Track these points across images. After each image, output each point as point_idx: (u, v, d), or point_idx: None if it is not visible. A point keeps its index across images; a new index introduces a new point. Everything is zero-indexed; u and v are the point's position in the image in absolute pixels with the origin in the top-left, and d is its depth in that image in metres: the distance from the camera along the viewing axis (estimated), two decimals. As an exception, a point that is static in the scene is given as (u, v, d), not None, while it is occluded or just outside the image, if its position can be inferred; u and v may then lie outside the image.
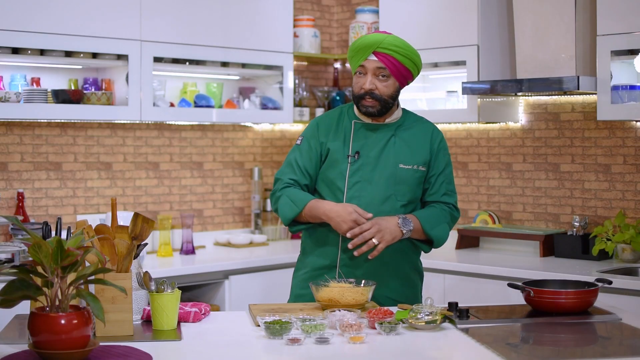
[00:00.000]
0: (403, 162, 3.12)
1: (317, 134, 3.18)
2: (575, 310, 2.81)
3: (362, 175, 3.10)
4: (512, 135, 4.81)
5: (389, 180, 3.10)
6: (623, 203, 4.37)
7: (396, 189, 3.10)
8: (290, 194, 3.13)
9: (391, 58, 3.06)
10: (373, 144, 3.13)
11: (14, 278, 2.19)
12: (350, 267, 3.09)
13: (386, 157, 3.12)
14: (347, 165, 3.11)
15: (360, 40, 3.09)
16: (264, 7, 4.96)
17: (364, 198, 3.08)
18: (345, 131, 3.16)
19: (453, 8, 4.63)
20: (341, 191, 3.10)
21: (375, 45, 3.05)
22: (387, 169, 3.10)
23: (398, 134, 3.16)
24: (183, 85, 4.96)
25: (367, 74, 3.08)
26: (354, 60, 3.12)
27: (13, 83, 4.30)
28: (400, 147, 3.14)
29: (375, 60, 3.06)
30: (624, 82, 4.07)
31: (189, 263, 4.47)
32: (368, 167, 3.11)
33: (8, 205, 4.36)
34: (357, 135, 3.15)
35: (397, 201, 3.10)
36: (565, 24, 4.17)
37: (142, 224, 2.61)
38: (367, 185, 3.09)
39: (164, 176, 4.96)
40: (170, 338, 2.54)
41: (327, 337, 2.47)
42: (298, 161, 3.17)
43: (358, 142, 3.14)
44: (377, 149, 3.12)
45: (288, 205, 3.11)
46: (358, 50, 3.08)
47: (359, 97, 3.10)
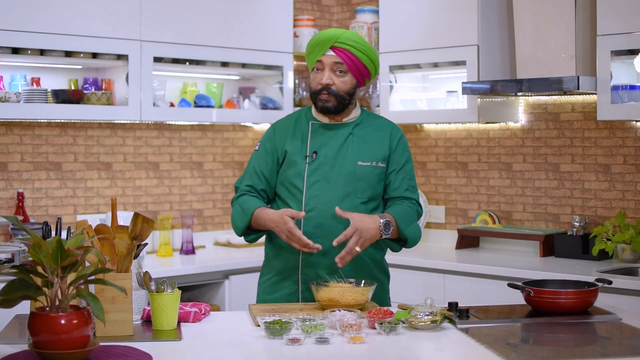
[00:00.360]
0: (361, 159, 3.11)
1: (273, 138, 3.19)
2: (575, 310, 2.81)
3: (320, 174, 3.09)
4: (512, 135, 4.81)
5: (348, 178, 3.09)
6: (623, 203, 4.37)
7: (355, 186, 3.09)
8: (242, 202, 3.13)
9: (349, 53, 3.05)
10: (331, 143, 3.12)
11: (14, 278, 2.19)
12: (313, 268, 3.07)
13: (344, 155, 3.11)
14: (305, 165, 3.11)
15: (317, 35, 3.09)
16: (264, 7, 4.96)
17: (323, 197, 3.07)
18: (302, 132, 3.17)
19: (453, 8, 4.63)
20: (300, 191, 3.09)
21: (333, 39, 3.04)
22: (345, 167, 3.09)
23: (356, 132, 3.15)
24: (183, 85, 4.96)
25: (324, 69, 3.08)
26: (311, 57, 3.10)
27: (13, 83, 4.30)
28: (359, 144, 3.13)
29: (332, 55, 3.06)
30: (624, 82, 4.07)
31: (189, 263, 4.47)
32: (326, 166, 3.10)
33: (8, 205, 4.36)
34: (315, 135, 3.15)
35: (357, 198, 3.09)
36: (565, 24, 4.17)
37: (142, 224, 2.61)
38: (325, 184, 3.08)
39: (164, 176, 4.96)
40: (170, 338, 2.54)
41: (327, 337, 2.47)
42: (255, 166, 3.19)
43: (316, 142, 3.13)
44: (335, 148, 3.12)
45: (239, 215, 3.12)
46: (316, 46, 3.08)
47: (315, 92, 3.10)
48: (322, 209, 3.06)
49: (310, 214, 3.06)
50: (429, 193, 5.16)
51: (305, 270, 3.08)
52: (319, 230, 3.05)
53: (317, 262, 3.07)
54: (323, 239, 3.04)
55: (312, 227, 3.05)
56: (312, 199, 3.08)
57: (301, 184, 3.10)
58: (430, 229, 5.13)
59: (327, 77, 3.06)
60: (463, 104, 4.71)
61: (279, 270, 3.16)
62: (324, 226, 3.05)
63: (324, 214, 3.05)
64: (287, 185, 3.13)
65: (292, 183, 3.12)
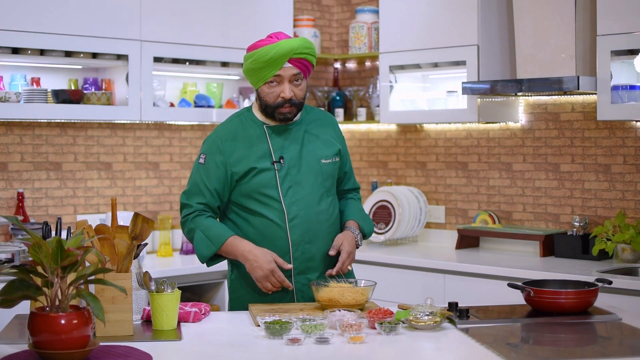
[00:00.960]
0: (323, 156, 3.10)
1: (221, 149, 3.03)
2: (575, 310, 2.81)
3: (291, 179, 3.04)
4: (512, 135, 4.81)
5: (317, 178, 3.07)
6: (623, 203, 4.37)
7: (325, 185, 3.09)
8: (205, 228, 3.00)
9: (304, 61, 2.99)
10: (290, 145, 3.06)
11: (14, 278, 2.19)
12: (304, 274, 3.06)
13: (307, 156, 3.07)
14: (274, 172, 3.03)
15: (272, 50, 2.93)
16: (264, 7, 4.96)
17: (301, 201, 3.03)
18: (258, 138, 3.05)
19: (453, 8, 4.63)
20: (277, 200, 3.01)
21: (291, 52, 2.95)
22: (311, 167, 3.07)
23: (307, 129, 3.12)
24: (183, 85, 4.96)
25: (282, 82, 2.98)
26: (263, 72, 2.96)
27: (13, 83, 4.30)
28: (315, 142, 3.10)
29: (290, 67, 2.97)
30: (624, 82, 4.07)
31: (189, 263, 4.47)
32: (294, 170, 3.04)
33: (8, 205, 4.36)
34: (274, 140, 3.06)
35: (327, 197, 3.09)
36: (565, 24, 4.17)
37: (142, 224, 2.61)
38: (299, 188, 3.04)
39: (164, 176, 4.96)
40: (170, 338, 2.54)
41: (327, 337, 2.47)
42: (205, 182, 3.02)
43: (277, 146, 3.05)
44: (296, 150, 3.06)
45: (204, 243, 3.00)
46: (272, 62, 2.94)
47: (276, 106, 3.00)
48: (304, 214, 3.03)
49: (294, 222, 3.01)
50: (429, 193, 5.16)
51: (297, 278, 3.05)
52: (305, 236, 3.03)
53: (308, 267, 3.06)
54: (310, 244, 3.04)
55: (299, 234, 3.02)
56: (292, 206, 3.02)
57: (276, 193, 3.01)
58: (430, 229, 5.13)
59: (289, 90, 2.98)
60: (463, 104, 4.71)
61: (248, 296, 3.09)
62: (309, 231, 3.04)
63: (307, 220, 3.03)
64: (257, 197, 3.02)
65: (263, 193, 3.01)
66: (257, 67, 2.97)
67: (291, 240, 3.02)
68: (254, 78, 3.01)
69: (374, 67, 5.43)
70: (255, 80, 3.01)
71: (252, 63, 2.97)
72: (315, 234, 3.04)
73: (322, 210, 3.06)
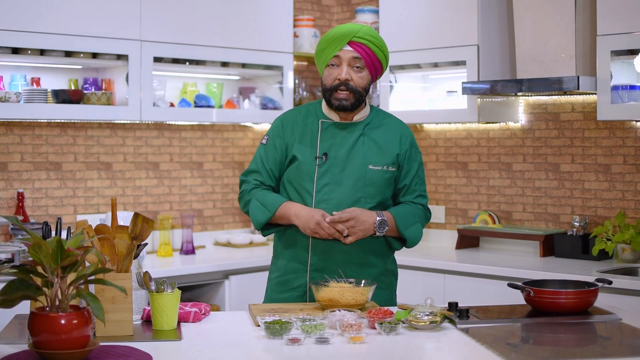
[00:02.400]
0: (372, 162, 3.05)
1: (282, 134, 3.11)
2: (575, 310, 2.81)
3: (330, 177, 3.03)
4: (512, 135, 4.81)
5: (358, 182, 3.04)
6: (623, 203, 4.37)
7: (365, 190, 3.04)
8: (260, 197, 3.07)
9: (366, 48, 2.99)
10: (341, 144, 3.06)
11: (14, 278, 2.19)
12: (321, 272, 3.04)
13: (355, 158, 3.05)
14: (315, 166, 3.04)
15: (334, 31, 3.02)
16: (264, 7, 4.96)
17: (333, 200, 3.02)
18: (312, 131, 3.09)
19: (453, 8, 4.63)
20: (309, 194, 3.03)
21: (352, 34, 2.98)
22: (355, 170, 3.04)
23: (367, 132, 3.08)
24: (183, 85, 4.96)
25: (341, 64, 3.01)
26: (326, 52, 3.01)
27: (13, 83, 4.30)
28: (369, 147, 3.07)
29: (350, 50, 2.99)
30: (624, 82, 4.07)
31: (189, 263, 4.47)
32: (336, 169, 3.04)
33: (8, 205, 4.36)
34: (325, 135, 3.07)
35: (366, 203, 3.04)
36: (565, 24, 4.17)
37: (142, 224, 2.61)
38: (336, 187, 3.03)
39: (164, 176, 4.96)
40: (170, 338, 2.54)
41: (327, 337, 2.47)
42: (264, 162, 3.11)
43: (326, 142, 3.06)
44: (346, 150, 3.05)
45: (260, 210, 3.06)
46: (332, 41, 2.99)
47: (332, 88, 3.01)
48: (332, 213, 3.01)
49: None
50: (429, 193, 5.16)
51: (313, 275, 3.05)
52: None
53: (325, 265, 3.05)
54: (332, 243, 3.04)
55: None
56: (321, 203, 3.02)
57: (311, 186, 3.04)
58: (430, 229, 5.13)
59: (345, 72, 2.99)
60: (463, 104, 4.71)
61: (287, 270, 3.11)
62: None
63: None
64: (295, 186, 3.07)
65: (301, 184, 3.05)
66: (321, 47, 3.03)
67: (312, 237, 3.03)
68: (319, 61, 3.07)
69: (374, 67, 5.43)
70: (320, 63, 3.07)
71: (318, 45, 3.05)
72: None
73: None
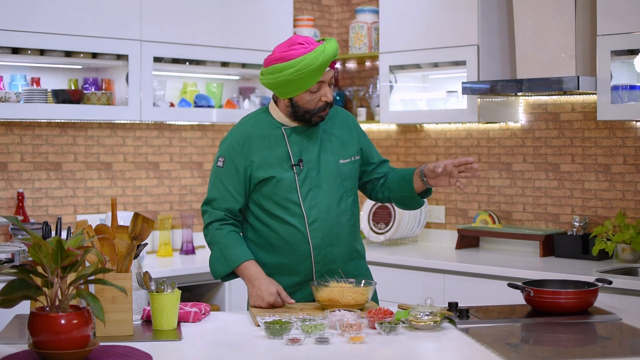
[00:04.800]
0: (341, 157, 3.06)
1: (240, 153, 2.99)
2: (575, 310, 2.81)
3: (310, 182, 3.00)
4: (512, 135, 4.81)
5: (336, 179, 3.04)
6: (623, 203, 4.37)
7: (344, 185, 3.06)
8: (223, 246, 2.97)
9: (335, 62, 2.99)
10: (309, 147, 3.02)
11: (14, 278, 2.19)
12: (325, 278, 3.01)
13: (326, 157, 3.04)
14: (294, 175, 2.99)
15: (318, 58, 2.85)
16: (264, 7, 4.96)
17: (321, 204, 3.00)
18: (275, 141, 3.00)
19: (453, 8, 4.63)
20: (296, 204, 2.98)
21: (334, 56, 2.91)
22: (330, 169, 3.03)
23: (325, 128, 3.07)
24: (183, 85, 4.96)
25: (323, 86, 2.94)
26: (308, 80, 2.88)
27: (13, 83, 4.30)
28: (333, 142, 3.06)
29: (329, 70, 2.94)
30: (624, 82, 4.07)
31: (189, 263, 4.47)
32: (313, 172, 3.01)
33: (8, 205, 4.36)
34: (292, 142, 3.02)
35: (348, 197, 3.07)
36: (565, 24, 4.17)
37: (142, 224, 2.61)
38: (318, 191, 3.01)
39: (164, 176, 4.96)
40: (170, 338, 2.54)
41: (327, 337, 2.47)
42: (227, 185, 2.99)
43: (295, 148, 3.01)
44: (315, 151, 3.02)
45: (219, 262, 2.97)
46: (319, 69, 2.87)
47: (317, 111, 2.96)
48: (324, 217, 3.01)
49: (314, 226, 2.99)
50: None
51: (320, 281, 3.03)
52: (326, 239, 3.01)
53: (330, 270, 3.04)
54: (332, 247, 3.03)
55: (320, 238, 3.00)
56: (312, 210, 3.00)
57: (296, 197, 2.99)
58: (430, 229, 5.13)
59: (330, 93, 2.95)
60: (463, 104, 4.71)
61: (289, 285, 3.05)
62: (330, 234, 3.02)
63: (328, 222, 3.01)
64: (277, 200, 2.99)
65: (284, 197, 2.98)
66: (300, 77, 2.86)
67: (312, 245, 2.99)
68: (291, 88, 2.90)
69: (374, 67, 5.44)
70: (294, 89, 2.90)
71: (294, 74, 2.86)
72: (336, 236, 3.03)
73: (342, 211, 3.04)
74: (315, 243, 3.00)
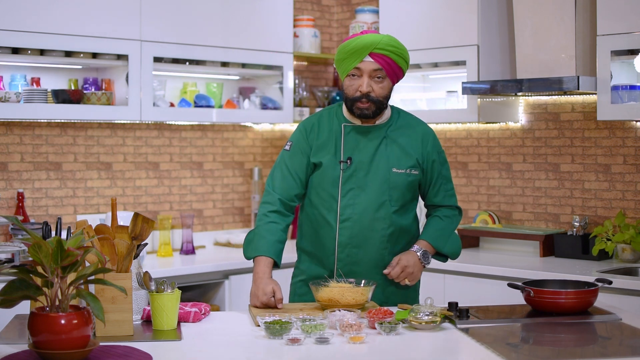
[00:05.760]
0: (396, 166, 3.06)
1: (305, 138, 3.10)
2: (575, 310, 2.81)
3: (355, 181, 3.04)
4: (512, 135, 4.81)
5: (383, 186, 3.04)
6: (623, 203, 4.37)
7: (390, 194, 3.05)
8: (257, 232, 3.06)
9: (387, 59, 2.98)
10: (364, 148, 3.06)
11: (14, 278, 2.19)
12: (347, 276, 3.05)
13: (378, 162, 3.05)
14: (339, 171, 3.04)
15: (354, 42, 2.98)
16: (264, 7, 4.96)
17: (359, 205, 3.03)
18: (335, 135, 3.08)
19: (453, 8, 4.63)
20: (334, 199, 3.04)
21: (372, 46, 2.95)
22: (379, 174, 3.04)
23: (389, 135, 3.08)
24: (183, 85, 4.96)
25: (362, 75, 2.99)
26: (346, 63, 3.00)
27: (13, 83, 4.30)
28: (392, 150, 3.07)
29: (371, 61, 2.97)
30: (624, 82, 4.07)
31: (189, 263, 4.47)
32: (361, 173, 3.04)
33: (8, 205, 4.36)
34: (348, 139, 3.07)
35: (390, 207, 3.05)
36: (565, 24, 4.17)
37: (142, 224, 2.61)
38: (360, 192, 3.03)
39: (164, 176, 4.96)
40: (170, 338, 2.54)
41: (327, 337, 2.47)
42: (290, 168, 3.10)
43: (349, 146, 3.06)
44: (369, 154, 3.05)
45: (250, 246, 3.08)
46: (353, 52, 2.97)
47: (354, 99, 3.01)
48: (357, 219, 3.03)
49: (345, 224, 3.02)
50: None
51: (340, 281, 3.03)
52: (353, 240, 3.04)
53: (352, 271, 3.06)
54: (357, 249, 3.04)
55: (347, 237, 3.03)
56: (347, 209, 3.03)
57: (336, 192, 3.04)
58: (430, 229, 5.13)
59: (367, 84, 2.98)
60: (463, 104, 4.71)
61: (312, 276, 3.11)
62: (358, 236, 3.03)
63: (359, 224, 3.03)
64: (319, 191, 3.07)
65: (326, 190, 3.05)
66: (342, 57, 3.01)
67: (338, 241, 3.03)
68: (340, 69, 3.05)
69: (374, 67, 5.43)
70: (341, 71, 3.05)
71: (338, 54, 3.03)
72: (365, 239, 3.03)
73: (378, 218, 3.04)
74: (342, 240, 3.03)
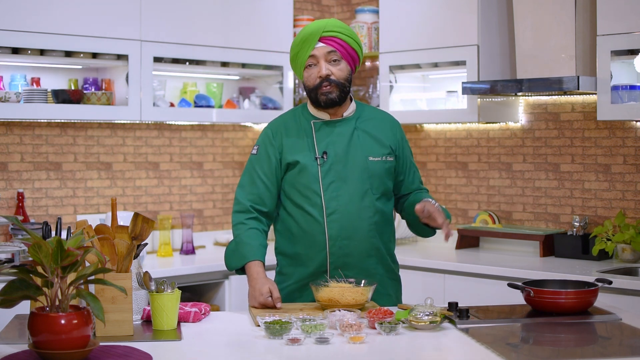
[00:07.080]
0: (371, 154, 3.09)
1: (273, 142, 3.12)
2: (575, 310, 2.80)
3: (334, 174, 3.06)
4: (512, 135, 4.81)
5: (363, 175, 3.07)
6: (623, 203, 4.37)
7: (371, 182, 3.07)
8: (240, 240, 3.05)
9: (338, 40, 3.02)
10: (338, 140, 3.08)
11: (14, 278, 2.19)
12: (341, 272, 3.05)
13: (354, 152, 3.07)
14: (317, 167, 3.05)
15: (302, 32, 3.04)
16: (264, 7, 4.96)
17: (342, 197, 3.04)
18: (305, 132, 3.10)
19: (453, 8, 4.63)
20: (317, 194, 3.04)
21: (321, 30, 3.01)
22: (357, 164, 3.07)
23: (359, 126, 3.12)
24: (183, 85, 4.96)
25: (319, 62, 3.02)
26: (300, 55, 3.03)
27: (13, 83, 4.30)
28: (365, 139, 3.10)
29: (323, 45, 3.02)
30: (624, 82, 4.07)
31: (189, 263, 4.47)
32: (339, 165, 3.06)
33: (8, 205, 4.36)
34: (320, 135, 3.09)
35: (372, 195, 3.08)
36: (565, 24, 4.17)
37: (142, 224, 2.61)
38: (342, 184, 3.05)
39: (164, 176, 4.96)
40: (170, 338, 2.54)
41: (327, 337, 2.47)
42: (259, 174, 3.10)
43: (322, 142, 3.08)
44: (343, 145, 3.08)
45: (232, 255, 3.06)
46: (304, 41, 3.01)
47: (315, 87, 3.03)
48: (344, 210, 3.04)
49: (332, 217, 3.03)
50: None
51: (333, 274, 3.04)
52: (343, 232, 3.04)
53: (345, 263, 3.06)
54: (348, 240, 3.05)
55: (336, 230, 3.03)
56: (331, 202, 3.04)
57: (317, 187, 3.04)
58: (430, 229, 5.13)
59: (325, 67, 3.01)
60: (463, 104, 4.71)
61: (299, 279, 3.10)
62: (348, 227, 3.04)
63: (346, 216, 3.04)
64: (300, 189, 3.07)
65: (307, 187, 3.06)
66: (294, 52, 3.05)
67: (328, 235, 3.03)
68: (296, 66, 3.08)
69: (374, 67, 5.44)
70: (297, 68, 3.07)
71: (291, 52, 3.07)
72: (354, 230, 3.04)
73: (364, 207, 3.06)
74: (332, 234, 3.03)
